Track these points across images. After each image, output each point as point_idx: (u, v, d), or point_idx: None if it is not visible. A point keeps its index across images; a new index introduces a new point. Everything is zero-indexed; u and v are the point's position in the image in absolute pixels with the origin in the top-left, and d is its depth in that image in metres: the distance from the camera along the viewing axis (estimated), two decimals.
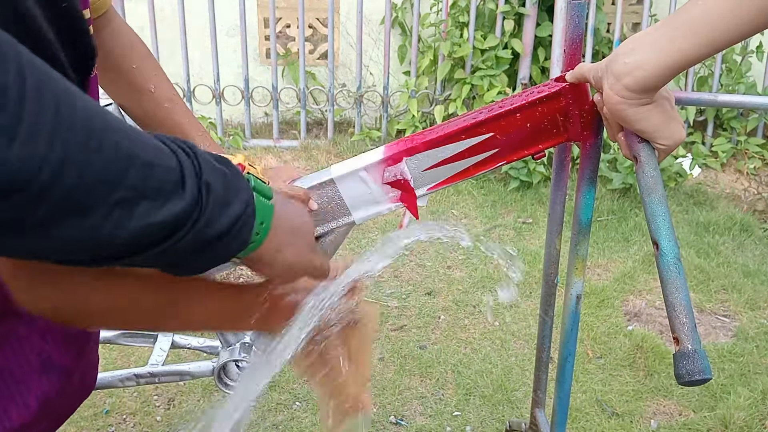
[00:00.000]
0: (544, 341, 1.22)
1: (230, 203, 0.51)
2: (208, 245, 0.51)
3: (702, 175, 3.50)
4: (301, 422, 1.87)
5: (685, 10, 0.68)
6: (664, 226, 0.70)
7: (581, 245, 0.98)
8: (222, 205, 0.51)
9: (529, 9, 3.46)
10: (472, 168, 0.91)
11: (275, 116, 3.74)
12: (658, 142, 0.76)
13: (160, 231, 0.47)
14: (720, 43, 0.66)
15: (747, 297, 2.47)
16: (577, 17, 0.89)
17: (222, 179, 0.51)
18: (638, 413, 1.93)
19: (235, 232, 0.52)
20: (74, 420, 1.86)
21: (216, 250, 0.52)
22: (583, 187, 0.94)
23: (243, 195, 0.53)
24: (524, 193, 3.25)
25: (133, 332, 1.31)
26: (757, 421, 1.89)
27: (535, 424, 1.29)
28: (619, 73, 0.71)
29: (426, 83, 3.71)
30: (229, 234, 0.52)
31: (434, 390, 2.01)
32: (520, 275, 0.83)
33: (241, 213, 0.52)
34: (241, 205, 0.52)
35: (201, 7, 3.71)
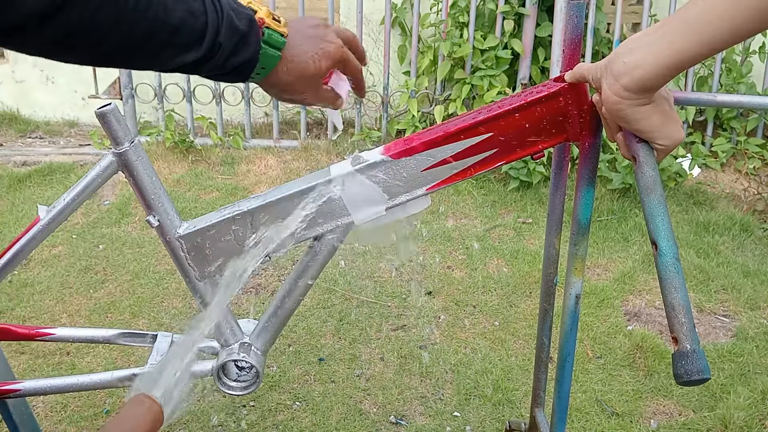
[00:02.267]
0: (543, 341, 1.22)
1: (237, 54, 0.74)
2: (221, 75, 0.76)
3: (702, 175, 3.50)
4: (301, 422, 1.87)
5: (685, 11, 0.68)
6: (662, 226, 0.70)
7: (580, 245, 0.98)
8: (229, 55, 0.74)
9: (529, 9, 3.46)
10: (472, 168, 0.91)
11: (275, 116, 3.74)
12: (657, 142, 0.76)
13: (186, 67, 0.73)
14: (719, 43, 0.66)
15: (747, 297, 2.47)
16: (576, 17, 0.89)
17: (237, 37, 0.73)
18: (638, 413, 1.93)
19: (238, 71, 0.76)
20: (74, 420, 1.87)
21: (229, 77, 0.77)
22: (582, 187, 0.94)
23: (250, 50, 0.75)
24: (524, 193, 3.25)
25: (133, 332, 1.31)
26: (757, 421, 1.89)
27: (535, 424, 1.29)
28: (618, 73, 0.71)
29: (426, 83, 3.71)
30: (235, 71, 0.76)
31: (434, 390, 2.01)
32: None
33: (244, 62, 0.75)
34: (245, 56, 0.75)
35: None
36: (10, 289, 2.45)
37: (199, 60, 0.72)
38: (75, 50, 0.64)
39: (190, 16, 0.69)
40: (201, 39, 0.71)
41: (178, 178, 3.35)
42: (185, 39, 0.70)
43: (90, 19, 0.61)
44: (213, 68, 0.74)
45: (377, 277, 2.56)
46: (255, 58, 0.76)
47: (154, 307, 2.38)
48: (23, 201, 3.12)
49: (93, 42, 0.64)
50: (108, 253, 2.72)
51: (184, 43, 0.70)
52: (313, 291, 2.43)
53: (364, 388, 2.00)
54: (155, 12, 0.66)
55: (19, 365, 2.06)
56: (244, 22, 0.74)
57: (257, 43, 0.76)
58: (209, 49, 0.71)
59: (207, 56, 0.72)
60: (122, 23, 0.64)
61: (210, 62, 0.73)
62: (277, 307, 1.11)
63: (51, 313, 2.34)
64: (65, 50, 0.64)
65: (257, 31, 0.75)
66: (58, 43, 0.62)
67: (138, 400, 0.53)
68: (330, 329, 2.26)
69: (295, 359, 2.12)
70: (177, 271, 1.49)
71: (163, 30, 0.67)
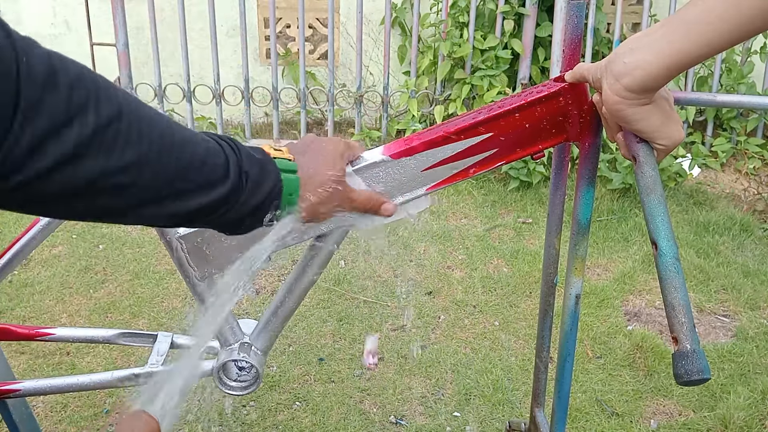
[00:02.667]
0: (543, 341, 1.22)
1: (262, 184, 0.70)
2: (248, 215, 0.70)
3: (702, 175, 3.50)
4: (301, 422, 1.87)
5: (685, 11, 0.68)
6: (663, 226, 0.70)
7: (580, 245, 0.98)
8: (257, 186, 0.69)
9: (528, 9, 3.46)
10: (472, 168, 0.91)
11: (275, 116, 3.74)
12: (657, 142, 0.76)
13: (210, 209, 0.66)
14: (719, 43, 0.66)
15: (747, 297, 2.47)
16: (576, 17, 0.89)
17: (258, 167, 0.69)
18: (638, 413, 1.93)
19: (267, 203, 0.71)
20: (74, 420, 1.87)
21: (255, 217, 0.71)
22: (582, 187, 0.94)
23: (272, 177, 0.71)
24: (524, 193, 3.25)
25: (133, 332, 1.31)
26: (757, 421, 1.89)
27: (535, 424, 1.29)
28: (618, 73, 0.71)
29: (426, 83, 3.71)
30: (263, 206, 0.71)
31: (434, 390, 2.01)
32: None
33: (271, 190, 0.71)
34: (269, 185, 0.70)
35: (201, 7, 3.72)
36: (10, 289, 2.45)
37: (226, 196, 0.66)
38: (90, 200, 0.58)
39: (210, 152, 0.65)
40: (226, 173, 0.66)
41: None
42: (209, 174, 0.65)
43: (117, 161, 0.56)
44: (238, 206, 0.68)
45: (377, 277, 2.56)
46: (279, 183, 0.71)
47: (154, 307, 2.38)
48: None
49: (117, 188, 0.58)
50: (108, 253, 2.72)
51: (208, 180, 0.65)
52: (313, 291, 2.43)
53: (364, 388, 2.00)
54: (179, 151, 0.62)
55: (19, 365, 2.06)
56: (258, 152, 0.71)
57: (277, 169, 0.72)
58: (236, 181, 0.67)
59: (234, 191, 0.67)
60: (150, 163, 0.59)
61: (236, 197, 0.67)
62: (277, 307, 1.11)
63: (51, 313, 2.34)
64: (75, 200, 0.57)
65: (272, 161, 0.72)
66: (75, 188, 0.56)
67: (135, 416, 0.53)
68: (330, 329, 2.26)
69: (295, 359, 2.12)
70: (177, 271, 1.49)
71: (189, 168, 0.63)
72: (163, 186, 0.61)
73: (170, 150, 0.61)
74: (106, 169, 0.55)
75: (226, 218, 0.69)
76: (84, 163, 0.54)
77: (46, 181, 0.53)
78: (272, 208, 0.72)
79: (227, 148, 0.68)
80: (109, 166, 0.56)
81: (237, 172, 0.67)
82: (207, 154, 0.65)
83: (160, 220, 0.65)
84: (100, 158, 0.55)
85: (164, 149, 0.60)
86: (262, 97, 3.84)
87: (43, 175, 0.52)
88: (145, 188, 0.60)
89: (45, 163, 0.51)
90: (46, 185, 0.53)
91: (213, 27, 3.56)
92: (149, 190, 0.60)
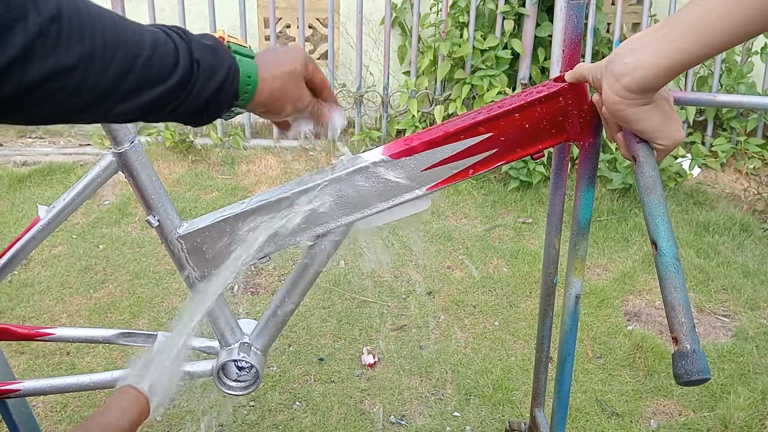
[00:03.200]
0: (543, 341, 1.22)
1: (217, 69, 0.69)
2: (207, 103, 0.69)
3: (702, 175, 3.50)
4: (301, 422, 1.87)
5: (685, 11, 0.68)
6: (662, 226, 0.70)
7: (580, 245, 0.98)
8: (211, 72, 0.68)
9: (528, 9, 3.46)
10: (472, 168, 0.91)
11: None
12: (657, 142, 0.76)
13: (163, 100, 0.65)
14: (719, 44, 0.66)
15: (747, 297, 2.47)
16: (576, 17, 0.89)
17: (210, 52, 0.68)
18: (638, 413, 1.93)
19: (225, 89, 0.70)
20: (74, 420, 1.87)
21: (215, 105, 0.70)
22: (582, 187, 0.94)
23: (226, 61, 0.70)
24: (524, 193, 3.25)
25: (133, 332, 1.31)
26: (757, 421, 1.89)
27: (535, 424, 1.29)
28: (618, 73, 0.71)
29: (426, 83, 3.71)
30: (221, 91, 0.69)
31: (434, 390, 2.01)
32: None
33: (226, 74, 0.69)
34: (224, 69, 0.69)
35: (201, 7, 3.71)
36: (10, 289, 2.45)
37: (178, 85, 0.66)
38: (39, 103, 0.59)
39: (159, 44, 0.65)
40: (176, 62, 0.65)
41: (178, 178, 3.35)
42: (158, 67, 0.64)
43: (65, 60, 0.57)
44: (194, 94, 0.68)
45: (377, 277, 2.56)
46: (234, 66, 0.71)
47: (154, 307, 2.38)
48: (23, 201, 3.12)
49: (67, 88, 0.59)
50: (108, 253, 2.72)
51: (158, 73, 0.64)
52: (313, 291, 2.43)
53: (364, 388, 2.00)
54: (126, 45, 0.62)
55: (19, 365, 2.06)
56: (209, 39, 0.71)
57: (231, 55, 0.71)
58: (187, 70, 0.66)
59: (185, 80, 0.66)
60: (95, 60, 0.59)
61: (189, 86, 0.67)
62: (277, 307, 1.11)
63: (51, 313, 2.34)
64: (28, 104, 0.59)
65: (224, 46, 0.72)
66: (26, 91, 0.57)
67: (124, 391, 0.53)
68: (330, 329, 2.26)
69: (295, 359, 2.12)
70: (177, 271, 1.49)
71: (135, 61, 0.62)
72: (113, 82, 0.61)
73: (116, 45, 0.61)
74: (56, 68, 0.56)
75: (184, 108, 0.68)
76: (33, 63, 0.55)
77: (1, 85, 0.54)
78: (230, 94, 0.71)
79: (176, 38, 0.67)
80: (59, 64, 0.57)
81: (188, 60, 0.66)
82: (155, 46, 0.64)
83: (117, 116, 0.65)
84: (49, 58, 0.56)
85: (109, 45, 0.60)
86: None
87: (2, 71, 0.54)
88: (96, 84, 0.60)
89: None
90: (1, 89, 0.55)
91: (213, 27, 3.56)
92: (100, 86, 0.60)
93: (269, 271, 2.60)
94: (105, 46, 0.60)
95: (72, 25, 0.58)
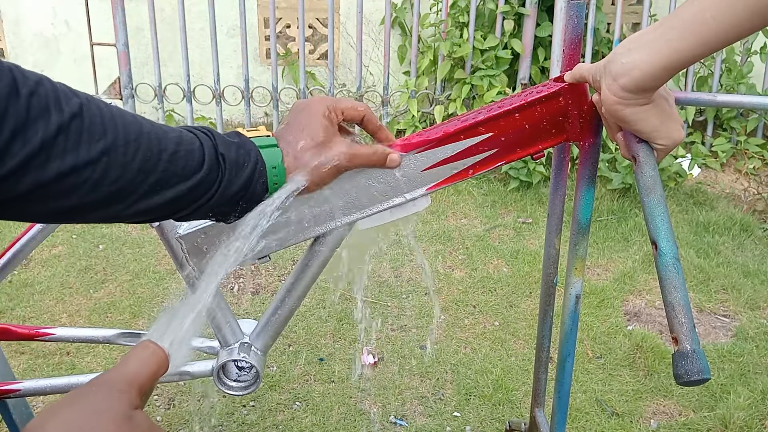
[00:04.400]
0: (543, 341, 1.22)
1: (243, 164, 0.69)
2: (236, 198, 0.69)
3: (702, 175, 3.50)
4: (301, 422, 1.87)
5: (682, 10, 0.68)
6: (662, 226, 0.70)
7: (580, 245, 0.98)
8: (237, 167, 0.68)
9: (529, 9, 3.46)
10: (472, 168, 0.91)
11: (275, 116, 3.74)
12: (657, 142, 0.76)
13: (189, 195, 0.66)
14: (716, 42, 0.66)
15: (747, 297, 2.47)
16: (576, 17, 0.89)
17: (234, 148, 0.69)
18: (638, 413, 1.93)
19: (254, 182, 0.70)
20: None
21: (246, 199, 0.70)
22: (582, 187, 0.94)
23: (252, 155, 0.70)
24: (524, 193, 3.25)
25: (133, 332, 1.31)
26: (757, 421, 1.89)
27: (535, 424, 1.29)
28: (616, 73, 0.71)
29: (426, 83, 3.71)
30: (250, 186, 0.70)
31: (434, 390, 2.01)
32: None
33: (254, 167, 0.70)
34: (251, 163, 0.70)
35: (201, 7, 3.72)
36: (10, 289, 2.45)
37: (204, 181, 0.66)
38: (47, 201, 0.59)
39: (183, 140, 0.65)
40: (201, 158, 0.66)
41: None
42: (184, 162, 0.64)
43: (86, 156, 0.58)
44: (221, 189, 0.67)
45: (377, 277, 2.56)
46: (259, 158, 0.70)
47: (154, 307, 2.38)
48: None
49: (88, 182, 0.59)
50: (108, 253, 2.72)
51: (184, 167, 0.64)
52: (313, 291, 2.43)
53: (364, 388, 2.00)
54: (148, 140, 0.62)
55: (19, 365, 2.06)
56: (233, 136, 0.71)
57: (256, 148, 0.71)
58: (213, 165, 0.66)
59: (212, 175, 0.66)
60: (117, 153, 0.60)
61: (216, 181, 0.67)
62: (277, 307, 1.11)
63: (51, 313, 2.34)
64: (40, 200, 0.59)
65: (249, 141, 0.71)
66: (44, 186, 0.57)
67: (144, 345, 0.54)
68: (330, 329, 2.26)
69: (295, 359, 2.12)
70: (177, 271, 1.49)
71: (160, 156, 0.63)
72: (135, 177, 0.62)
73: (138, 139, 0.62)
74: (76, 164, 0.58)
75: (212, 205, 0.68)
76: (52, 159, 0.56)
77: (20, 179, 0.56)
78: (259, 186, 0.71)
79: (201, 135, 0.68)
80: (78, 160, 0.58)
81: (213, 155, 0.67)
82: (180, 141, 0.65)
83: (139, 215, 0.65)
84: (68, 154, 0.57)
85: (131, 139, 0.61)
86: (262, 97, 3.84)
87: (15, 172, 0.55)
88: (117, 180, 0.61)
89: (15, 162, 0.55)
90: (19, 184, 0.56)
91: (213, 27, 3.56)
92: (121, 182, 0.61)
93: (269, 271, 2.60)
94: (127, 140, 0.61)
95: (93, 120, 0.59)
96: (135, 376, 0.50)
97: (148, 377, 0.51)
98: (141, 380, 0.51)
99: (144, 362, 0.52)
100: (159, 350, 0.54)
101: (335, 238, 1.01)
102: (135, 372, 0.51)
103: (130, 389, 0.49)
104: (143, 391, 0.51)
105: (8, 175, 0.55)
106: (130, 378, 0.50)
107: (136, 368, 0.51)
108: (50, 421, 0.45)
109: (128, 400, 0.48)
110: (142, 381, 0.51)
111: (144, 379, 0.51)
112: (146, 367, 0.52)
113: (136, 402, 0.49)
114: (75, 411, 0.46)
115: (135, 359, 0.52)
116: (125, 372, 0.51)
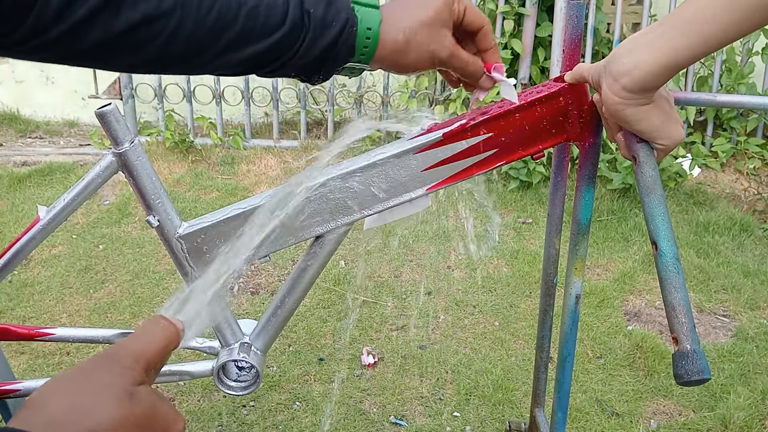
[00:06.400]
0: (543, 341, 1.22)
1: (331, 22, 0.63)
2: (319, 59, 0.65)
3: (702, 175, 3.50)
4: (301, 422, 1.87)
5: (681, 10, 0.68)
6: (663, 226, 0.70)
7: (580, 245, 0.98)
8: (323, 25, 0.63)
9: (529, 9, 3.46)
10: (472, 168, 0.91)
11: (275, 116, 3.74)
12: (657, 142, 0.76)
13: (269, 54, 0.63)
14: (715, 41, 0.66)
15: (747, 297, 2.47)
16: (576, 17, 0.89)
17: (324, 5, 0.63)
18: (638, 413, 1.93)
19: (341, 44, 0.64)
20: None
21: (330, 61, 0.65)
22: (582, 187, 0.94)
23: (343, 13, 0.64)
24: (524, 193, 3.25)
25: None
26: (757, 421, 1.89)
27: (535, 424, 1.29)
28: (617, 73, 0.71)
29: (426, 83, 3.71)
30: (335, 47, 0.64)
31: (434, 390, 2.01)
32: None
33: (342, 27, 0.64)
34: (340, 22, 0.64)
35: None
36: (10, 289, 2.45)
37: (285, 39, 0.62)
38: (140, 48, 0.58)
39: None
40: (284, 15, 0.62)
41: (178, 178, 3.35)
42: (264, 18, 0.61)
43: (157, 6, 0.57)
44: (304, 51, 0.64)
45: (377, 277, 2.56)
46: (352, 17, 0.64)
47: (154, 307, 2.38)
48: (23, 201, 3.12)
49: (161, 36, 0.58)
50: (108, 253, 2.72)
51: (264, 24, 0.61)
52: (313, 291, 2.43)
53: (364, 388, 2.00)
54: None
55: (19, 365, 2.06)
56: None
57: (348, 7, 0.65)
58: (297, 22, 0.62)
59: (295, 33, 0.62)
60: (191, 6, 0.58)
61: (299, 42, 0.63)
62: (277, 307, 1.11)
63: (51, 313, 2.34)
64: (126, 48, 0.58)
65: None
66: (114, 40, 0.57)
67: (154, 319, 0.53)
68: (330, 329, 2.26)
69: (295, 359, 2.12)
70: (177, 271, 1.49)
71: (239, 10, 0.60)
72: (212, 31, 0.59)
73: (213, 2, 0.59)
74: (147, 15, 0.56)
75: (294, 64, 0.65)
76: (121, 11, 0.55)
77: (88, 29, 0.55)
78: (345, 49, 0.65)
79: None
80: (149, 11, 0.56)
81: (299, 11, 0.62)
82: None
83: (219, 69, 0.63)
84: (139, 4, 0.56)
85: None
86: (262, 97, 3.84)
87: (84, 21, 0.54)
88: (192, 33, 0.59)
89: (82, 12, 0.54)
90: (86, 34, 0.55)
91: None
92: (197, 35, 0.59)
93: (269, 271, 2.60)
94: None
95: None
96: (142, 351, 0.50)
97: (156, 353, 0.50)
98: (148, 355, 0.50)
99: (153, 337, 0.51)
100: (169, 325, 0.53)
101: (335, 239, 1.01)
102: (143, 347, 0.50)
103: (135, 365, 0.48)
104: (150, 366, 0.50)
105: (79, 22, 0.54)
106: (138, 353, 0.49)
107: (145, 343, 0.51)
108: (52, 394, 0.44)
109: (131, 376, 0.47)
110: (149, 356, 0.50)
111: (152, 354, 0.50)
112: (155, 342, 0.51)
113: (141, 378, 0.48)
114: (77, 384, 0.45)
115: (144, 334, 0.51)
116: (132, 347, 0.50)
